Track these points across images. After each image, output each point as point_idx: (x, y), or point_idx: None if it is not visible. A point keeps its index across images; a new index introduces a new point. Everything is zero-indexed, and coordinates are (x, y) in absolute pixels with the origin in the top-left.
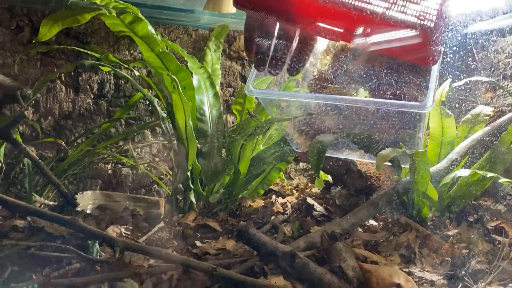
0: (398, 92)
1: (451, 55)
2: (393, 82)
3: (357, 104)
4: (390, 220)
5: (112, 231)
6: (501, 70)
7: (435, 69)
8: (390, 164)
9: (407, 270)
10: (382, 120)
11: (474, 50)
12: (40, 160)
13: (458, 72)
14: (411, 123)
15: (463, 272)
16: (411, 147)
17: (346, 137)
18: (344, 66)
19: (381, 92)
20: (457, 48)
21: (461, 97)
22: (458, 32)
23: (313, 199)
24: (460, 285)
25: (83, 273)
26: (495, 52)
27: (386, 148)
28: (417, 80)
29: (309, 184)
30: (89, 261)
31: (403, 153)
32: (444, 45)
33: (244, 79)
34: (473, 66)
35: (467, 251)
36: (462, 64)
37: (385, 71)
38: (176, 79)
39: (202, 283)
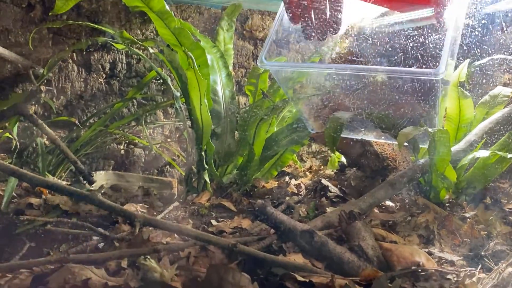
0: (415, 64)
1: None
2: (411, 55)
3: (369, 72)
4: (407, 201)
5: (129, 208)
6: None
7: (450, 36)
8: (407, 144)
9: (426, 250)
10: (398, 94)
11: (498, 28)
12: (56, 136)
13: (479, 50)
14: (426, 97)
15: (483, 253)
16: (427, 125)
17: (366, 117)
18: (365, 43)
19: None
20: (481, 26)
21: (480, 79)
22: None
23: (327, 180)
24: (480, 265)
25: (101, 249)
26: None
27: (407, 127)
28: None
29: (322, 167)
30: (107, 237)
31: (424, 131)
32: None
33: (257, 59)
34: (496, 44)
35: (486, 233)
36: (483, 43)
37: (402, 45)
38: (192, 56)
39: (220, 261)
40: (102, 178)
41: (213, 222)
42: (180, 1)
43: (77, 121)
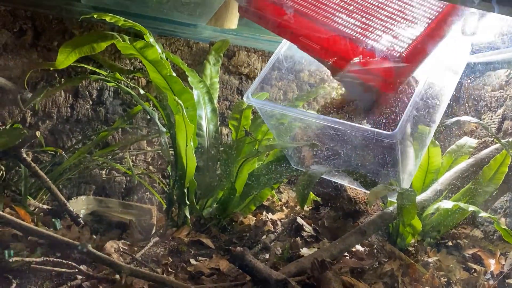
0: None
1: None
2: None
3: (335, 125)
4: (375, 246)
5: (111, 246)
6: (486, 102)
7: (411, 102)
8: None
9: None
10: (365, 149)
11: (464, 83)
12: (46, 178)
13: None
14: (389, 155)
15: None
16: (394, 178)
17: (344, 172)
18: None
19: (376, 125)
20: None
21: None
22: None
23: (302, 217)
24: None
25: None
26: (483, 84)
27: (379, 185)
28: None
29: None
30: (90, 277)
31: (393, 190)
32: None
33: (241, 93)
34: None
35: (445, 280)
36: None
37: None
38: (181, 103)
39: None
40: (83, 203)
41: (192, 261)
42: (169, 34)
43: (62, 152)
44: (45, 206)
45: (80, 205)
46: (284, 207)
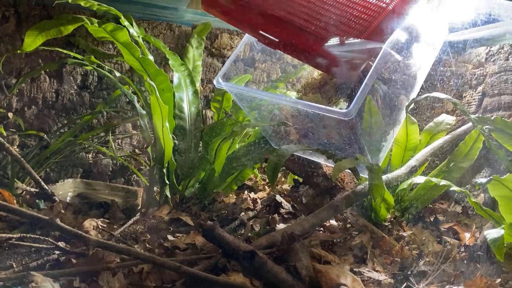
0: None
1: None
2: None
3: (295, 105)
4: (349, 221)
5: (89, 224)
6: (467, 79)
7: (365, 84)
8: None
9: (357, 270)
10: (329, 127)
11: (443, 59)
12: (21, 158)
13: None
14: (351, 131)
15: (409, 273)
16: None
17: (312, 151)
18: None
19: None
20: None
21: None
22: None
23: (282, 196)
24: (405, 284)
25: (61, 263)
26: (464, 62)
27: (343, 160)
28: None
29: (283, 179)
30: (67, 252)
31: (357, 164)
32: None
33: (224, 75)
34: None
35: (417, 252)
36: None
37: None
38: (154, 85)
39: (170, 277)
40: (70, 186)
41: (169, 237)
42: (151, 18)
43: (45, 136)
44: (32, 189)
45: (67, 188)
46: (266, 187)
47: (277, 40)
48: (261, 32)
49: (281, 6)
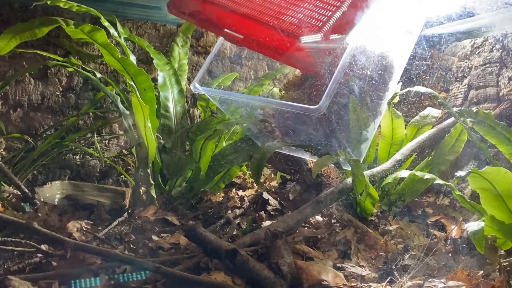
0: None
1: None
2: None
3: (269, 104)
4: (334, 216)
5: (73, 226)
6: (453, 72)
7: (333, 80)
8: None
9: (341, 265)
10: (307, 123)
11: (430, 53)
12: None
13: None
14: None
15: (393, 267)
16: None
17: (295, 147)
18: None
19: None
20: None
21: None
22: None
23: (269, 193)
24: (388, 278)
25: (43, 266)
26: (450, 55)
27: (323, 156)
28: None
29: (272, 176)
30: (49, 255)
31: (337, 159)
32: None
33: (210, 74)
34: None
35: (403, 246)
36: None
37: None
38: (134, 85)
39: (152, 276)
40: (57, 188)
41: (154, 237)
42: (135, 18)
43: (29, 138)
44: (19, 192)
45: (55, 190)
46: (255, 184)
47: (241, 37)
48: (226, 30)
49: (245, 4)
